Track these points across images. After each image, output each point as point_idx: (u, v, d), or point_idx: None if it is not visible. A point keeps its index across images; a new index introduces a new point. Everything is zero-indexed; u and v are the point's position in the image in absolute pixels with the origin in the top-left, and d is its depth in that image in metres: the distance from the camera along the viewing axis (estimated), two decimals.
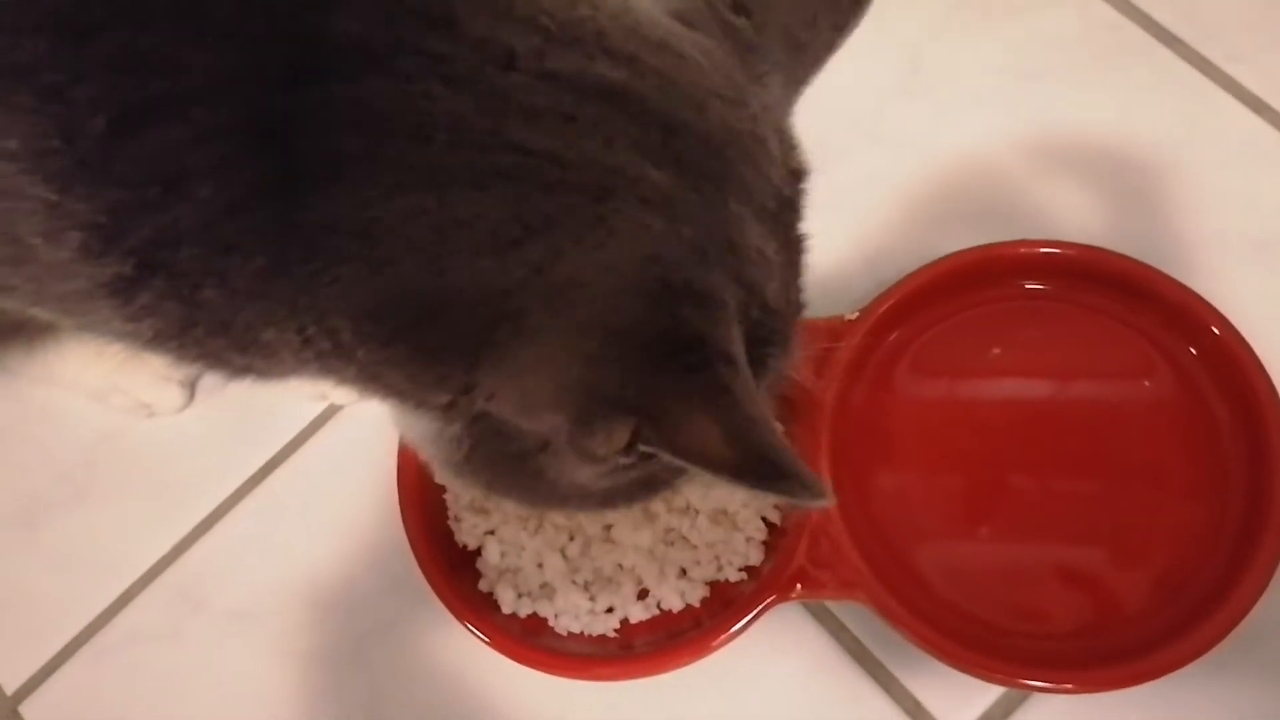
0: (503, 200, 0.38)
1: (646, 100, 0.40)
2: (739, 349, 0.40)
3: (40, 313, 0.45)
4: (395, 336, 0.41)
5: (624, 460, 0.41)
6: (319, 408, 0.75)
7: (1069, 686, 0.61)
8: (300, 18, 0.37)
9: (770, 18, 0.45)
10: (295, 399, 0.75)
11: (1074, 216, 0.74)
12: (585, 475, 0.45)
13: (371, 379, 0.43)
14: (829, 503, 0.39)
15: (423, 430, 0.47)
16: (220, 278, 0.39)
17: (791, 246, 0.45)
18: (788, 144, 0.45)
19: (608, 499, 0.48)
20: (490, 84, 0.38)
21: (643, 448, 0.40)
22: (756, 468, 0.39)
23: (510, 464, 0.45)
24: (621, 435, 0.40)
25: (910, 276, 0.69)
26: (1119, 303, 0.68)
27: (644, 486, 0.48)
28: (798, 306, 0.46)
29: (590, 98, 0.39)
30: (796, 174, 0.45)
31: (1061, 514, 0.66)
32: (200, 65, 0.37)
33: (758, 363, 0.42)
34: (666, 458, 0.40)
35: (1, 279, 0.42)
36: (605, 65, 0.40)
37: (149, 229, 0.38)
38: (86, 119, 0.37)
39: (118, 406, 0.76)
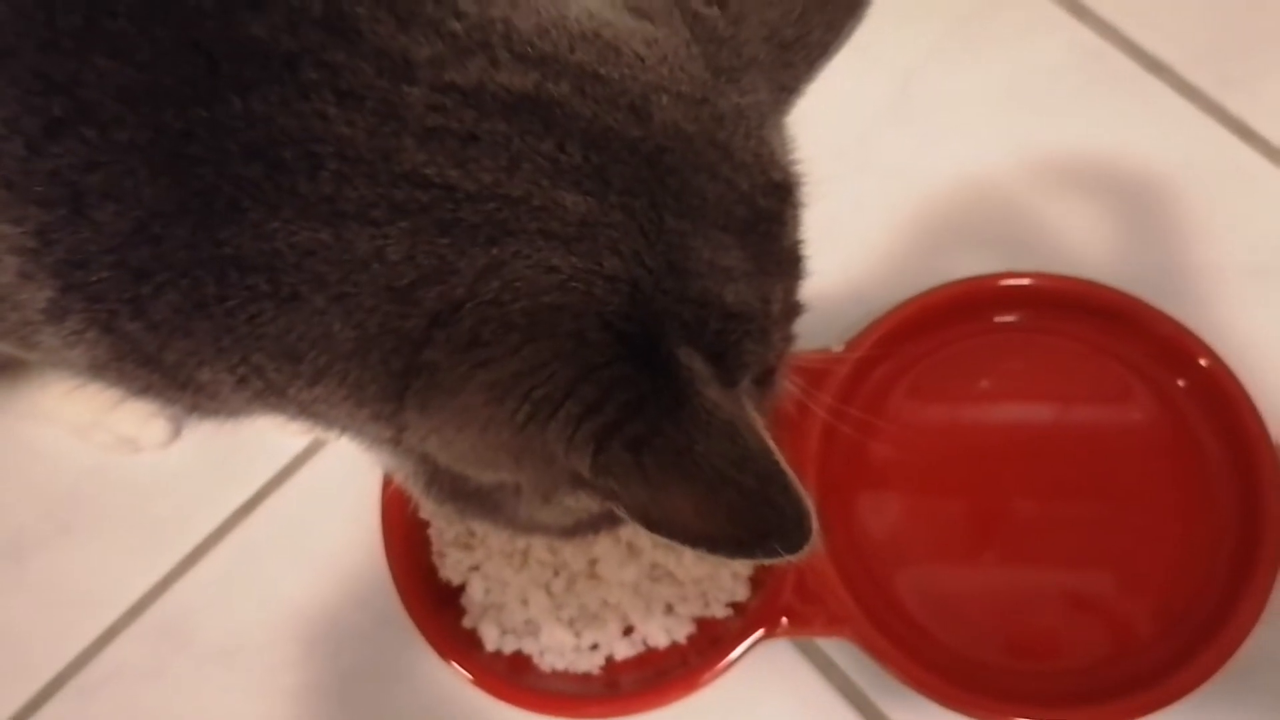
0: (398, 239, 0.35)
1: (563, 108, 0.36)
2: (695, 384, 0.36)
3: (9, 348, 0.44)
4: (319, 377, 0.38)
5: (589, 503, 0.40)
6: (304, 442, 0.75)
7: None
8: (207, 26, 0.35)
9: (749, 10, 0.40)
10: (280, 434, 0.75)
11: (1063, 245, 0.74)
12: (545, 515, 0.43)
13: (313, 416, 0.41)
14: (808, 546, 0.37)
15: (387, 459, 0.46)
16: (134, 305, 0.37)
17: (774, 257, 0.41)
18: (767, 151, 0.40)
19: (571, 531, 0.46)
20: (385, 101, 0.35)
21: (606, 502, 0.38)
22: (748, 531, 0.36)
23: (469, 497, 0.44)
24: (575, 497, 0.39)
25: (898, 308, 0.68)
26: (1107, 335, 0.68)
27: (608, 519, 0.45)
28: (785, 306, 0.42)
29: (493, 113, 0.35)
30: (780, 186, 0.41)
31: (1054, 548, 0.65)
32: (99, 82, 0.35)
33: (734, 364, 0.38)
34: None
35: None
36: (511, 72, 0.36)
37: (63, 250, 0.37)
38: (6, 141, 0.36)
39: (103, 443, 0.75)
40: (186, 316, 0.37)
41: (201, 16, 0.35)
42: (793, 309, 0.43)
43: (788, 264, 0.42)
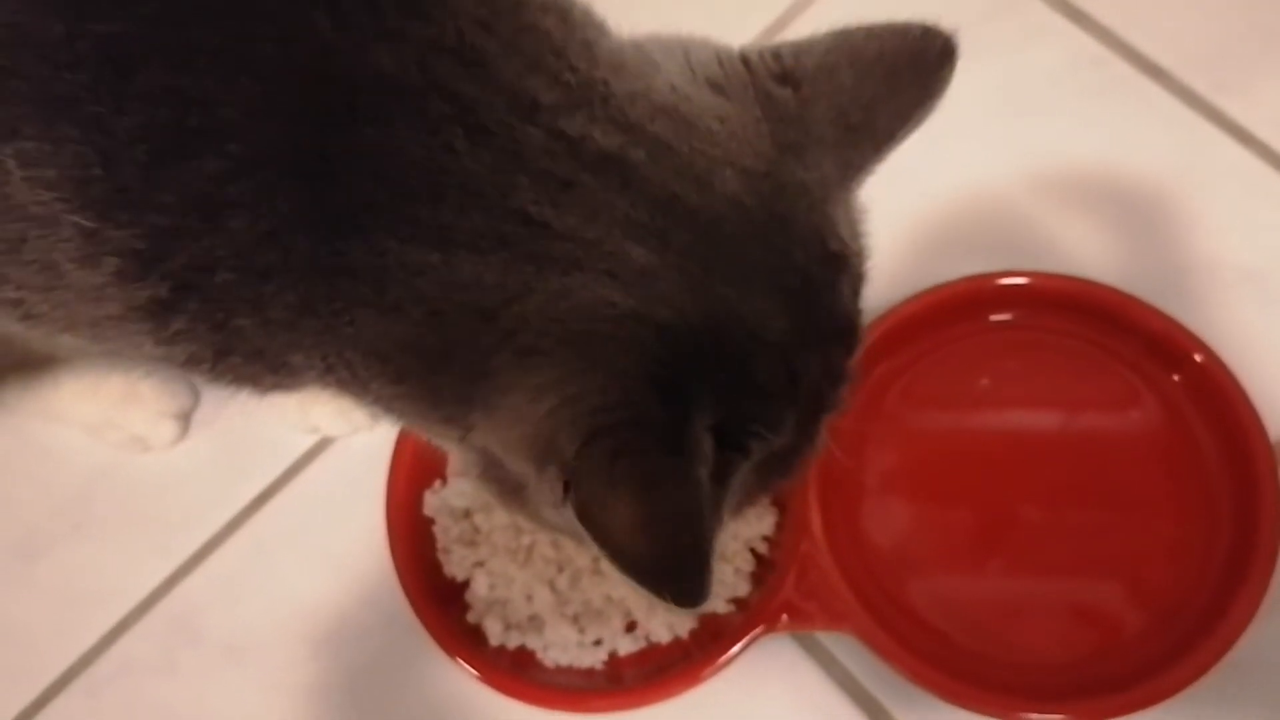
0: (496, 266, 0.39)
1: (639, 170, 0.40)
2: (690, 441, 0.40)
3: (68, 339, 0.46)
4: (404, 377, 0.43)
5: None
6: (311, 441, 0.76)
7: (1060, 717, 0.61)
8: (338, 56, 0.38)
9: (821, 94, 0.43)
10: (287, 432, 0.75)
11: (1060, 248, 0.74)
12: (551, 515, 0.45)
13: (387, 409, 0.46)
14: (696, 611, 0.42)
15: (453, 451, 0.51)
16: (254, 305, 0.41)
17: (821, 323, 0.43)
18: (828, 225, 0.43)
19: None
20: (510, 138, 0.39)
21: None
22: (643, 565, 0.39)
23: (512, 491, 0.47)
24: (558, 489, 0.41)
25: (897, 308, 0.69)
26: (1103, 333, 0.68)
27: None
28: (818, 386, 0.44)
29: (587, 165, 0.39)
30: (837, 255, 0.43)
31: (1052, 544, 0.66)
32: (237, 101, 0.38)
33: (736, 444, 0.42)
34: None
35: (31, 306, 0.44)
36: (604, 131, 0.40)
37: (185, 255, 0.40)
38: (127, 149, 0.38)
39: (113, 441, 0.76)
40: (298, 314, 0.41)
41: (335, 48, 0.38)
42: (838, 376, 0.45)
43: (835, 333, 0.45)
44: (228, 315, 0.41)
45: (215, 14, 0.38)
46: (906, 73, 0.44)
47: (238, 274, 0.40)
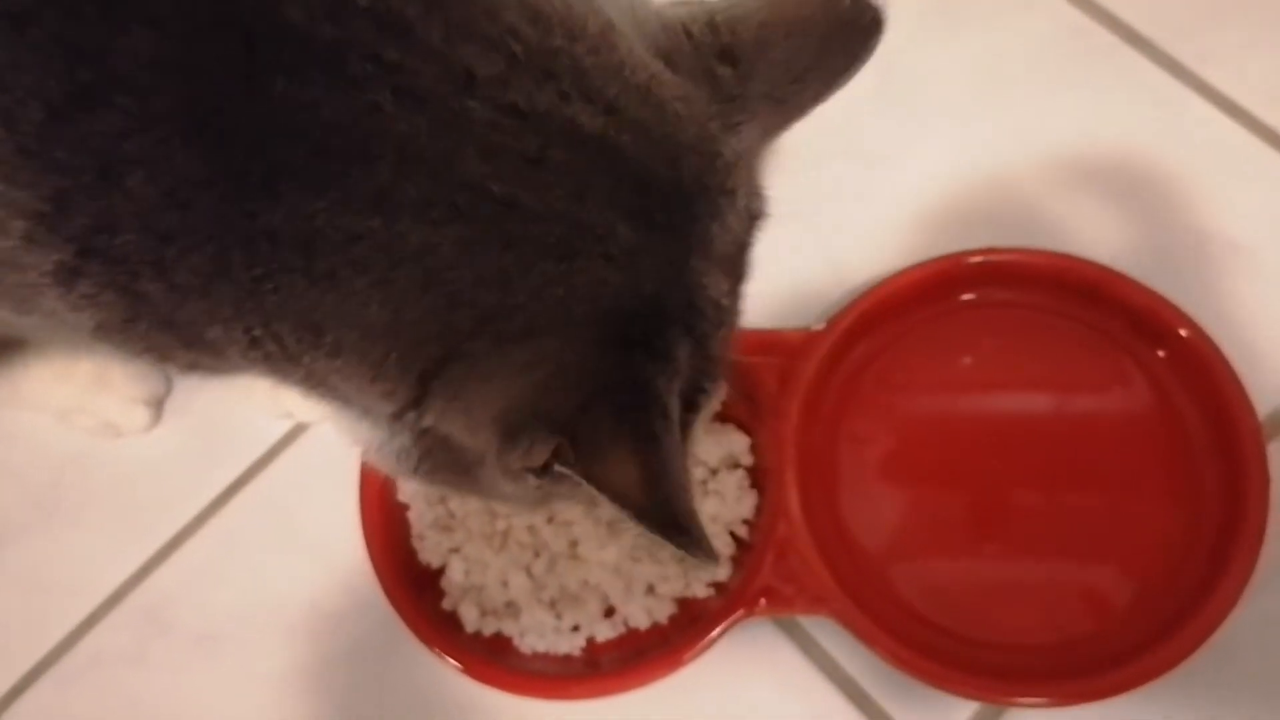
0: (456, 240, 0.38)
1: (623, 152, 0.39)
2: (675, 406, 0.41)
3: (5, 314, 0.45)
4: (340, 349, 0.41)
5: (535, 481, 0.42)
6: (285, 427, 0.75)
7: (1044, 700, 0.60)
8: (245, 5, 0.36)
9: (757, 71, 0.44)
10: (260, 419, 0.74)
11: (1045, 222, 0.73)
12: (507, 489, 0.45)
13: (318, 384, 0.44)
14: (719, 573, 0.46)
15: (369, 436, 0.48)
16: (157, 268, 0.39)
17: (742, 281, 0.46)
18: (752, 190, 0.45)
19: (537, 503, 0.51)
20: (445, 107, 0.37)
21: (559, 468, 0.40)
22: (661, 516, 0.39)
23: (453, 472, 0.46)
24: (541, 453, 0.40)
25: (877, 286, 0.68)
26: (1087, 309, 0.67)
27: (564, 498, 0.50)
28: (732, 344, 0.47)
29: (560, 143, 0.38)
30: (755, 216, 0.45)
31: (1035, 524, 0.65)
32: (129, 51, 0.36)
33: (690, 405, 0.43)
34: (579, 483, 0.41)
35: None
36: (582, 110, 0.39)
37: (87, 216, 0.38)
38: (24, 106, 0.36)
39: (84, 427, 0.75)
40: (208, 279, 0.39)
41: None
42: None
43: (745, 284, 0.47)
44: (131, 279, 0.39)
45: None
46: (835, 43, 0.44)
47: (139, 235, 0.38)
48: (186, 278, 0.39)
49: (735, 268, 0.45)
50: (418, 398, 0.42)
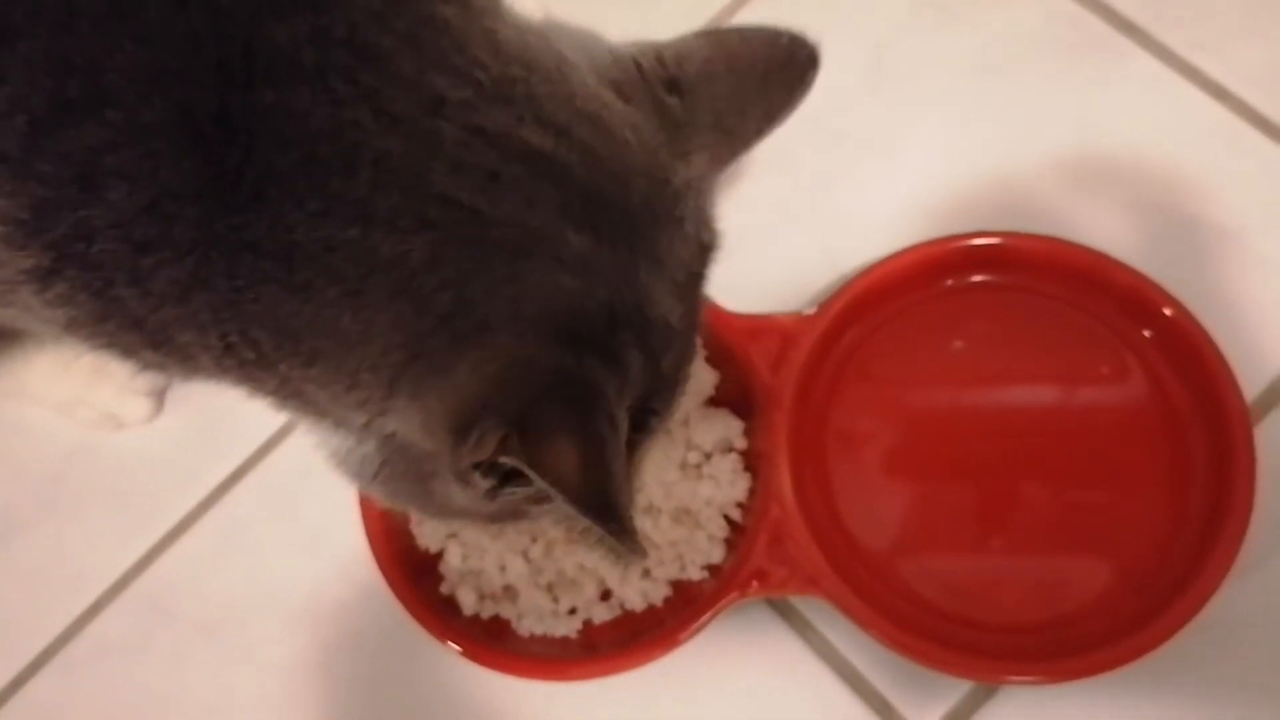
0: (424, 247, 0.39)
1: (571, 170, 0.41)
2: (623, 416, 0.43)
3: None
4: (315, 358, 0.42)
5: (484, 484, 0.43)
6: (284, 416, 0.75)
7: (1035, 678, 0.61)
8: (234, 21, 0.38)
9: (702, 101, 0.46)
10: (261, 408, 0.75)
11: (1035, 207, 0.74)
12: (457, 496, 0.46)
13: (292, 395, 0.45)
14: (641, 561, 0.46)
15: (335, 446, 0.49)
16: (132, 275, 0.40)
17: (695, 313, 0.47)
18: (703, 220, 0.47)
19: (494, 516, 0.50)
20: (418, 127, 0.39)
21: (504, 459, 0.41)
22: (595, 502, 0.40)
23: (409, 481, 0.47)
24: (489, 444, 0.41)
25: (868, 271, 0.68)
26: (1076, 291, 0.68)
27: (512, 514, 0.50)
28: (686, 377, 0.48)
29: (515, 159, 0.40)
30: (705, 248, 0.47)
31: (1024, 506, 0.66)
32: (122, 67, 0.37)
33: (640, 425, 0.45)
34: (522, 487, 0.42)
35: None
36: (534, 131, 0.41)
37: (66, 225, 0.39)
38: (9, 118, 0.37)
39: (85, 419, 0.76)
40: (185, 289, 0.40)
41: (229, 14, 0.38)
42: (693, 354, 0.49)
43: (699, 317, 0.48)
44: (106, 284, 0.40)
45: None
46: (775, 78, 0.47)
47: (116, 244, 0.39)
48: (163, 286, 0.40)
49: (686, 294, 0.46)
50: (386, 405, 0.43)
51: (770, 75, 0.47)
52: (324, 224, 0.39)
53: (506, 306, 0.40)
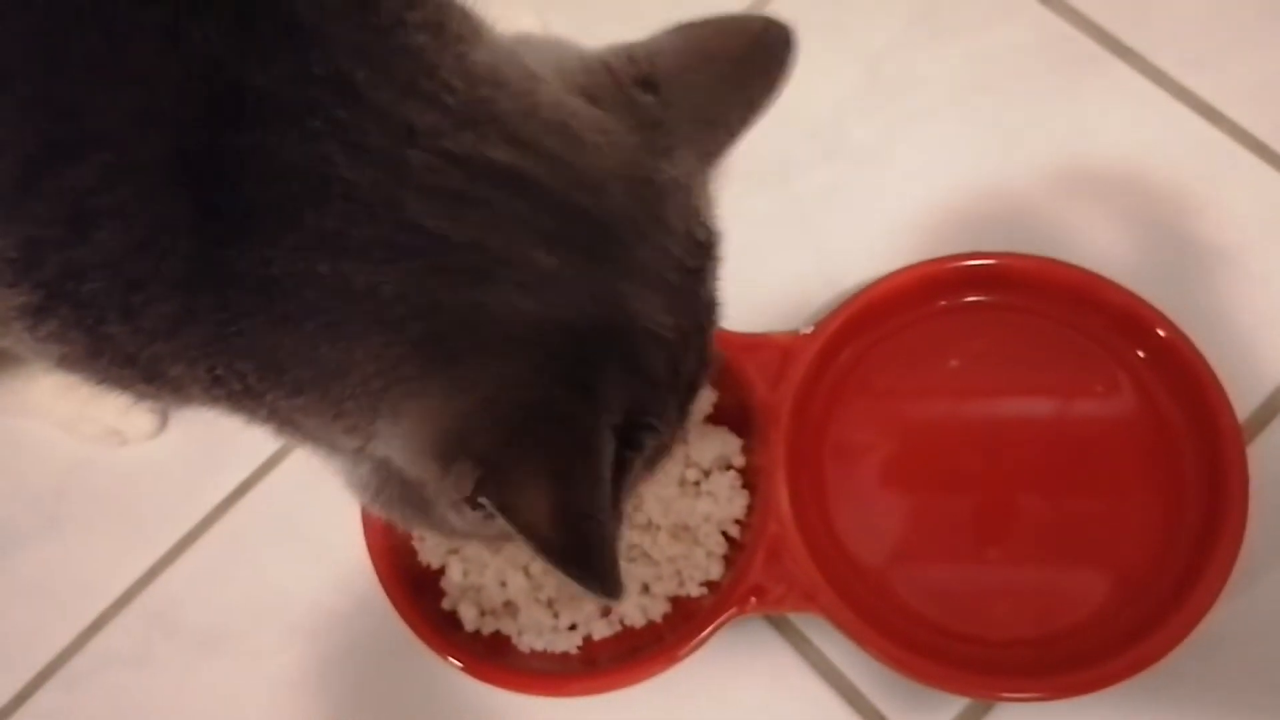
0: (395, 276, 0.39)
1: (539, 184, 0.41)
2: (603, 440, 0.42)
3: None
4: (300, 389, 0.42)
5: (474, 515, 0.43)
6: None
7: (1031, 695, 0.61)
8: (217, 65, 0.38)
9: (679, 95, 0.45)
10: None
11: (1029, 226, 0.74)
12: (455, 520, 0.46)
13: (284, 423, 0.45)
14: (617, 603, 0.44)
15: (337, 466, 0.49)
16: (123, 313, 0.40)
17: (696, 312, 0.46)
18: (694, 216, 0.46)
19: (497, 536, 0.49)
20: (389, 157, 0.39)
21: (480, 499, 0.41)
22: (562, 551, 0.40)
23: (410, 503, 0.47)
24: (466, 484, 0.41)
25: (865, 290, 0.69)
26: (1070, 311, 0.68)
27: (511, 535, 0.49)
28: (692, 375, 0.47)
29: (480, 179, 0.40)
30: (703, 244, 0.46)
31: (1019, 521, 0.67)
32: (112, 110, 0.38)
33: (632, 440, 0.43)
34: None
35: None
36: (498, 148, 0.40)
37: (56, 265, 0.39)
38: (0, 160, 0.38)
39: (89, 435, 0.76)
40: (175, 323, 0.40)
41: (218, 54, 0.38)
42: (706, 362, 0.48)
43: (706, 321, 0.47)
44: (97, 321, 0.41)
45: (91, 27, 0.38)
46: (752, 65, 0.46)
47: (106, 283, 0.39)
48: (154, 322, 0.40)
49: (679, 296, 0.45)
50: (372, 431, 0.43)
51: (746, 62, 0.46)
52: (299, 258, 0.39)
53: (469, 335, 0.40)
